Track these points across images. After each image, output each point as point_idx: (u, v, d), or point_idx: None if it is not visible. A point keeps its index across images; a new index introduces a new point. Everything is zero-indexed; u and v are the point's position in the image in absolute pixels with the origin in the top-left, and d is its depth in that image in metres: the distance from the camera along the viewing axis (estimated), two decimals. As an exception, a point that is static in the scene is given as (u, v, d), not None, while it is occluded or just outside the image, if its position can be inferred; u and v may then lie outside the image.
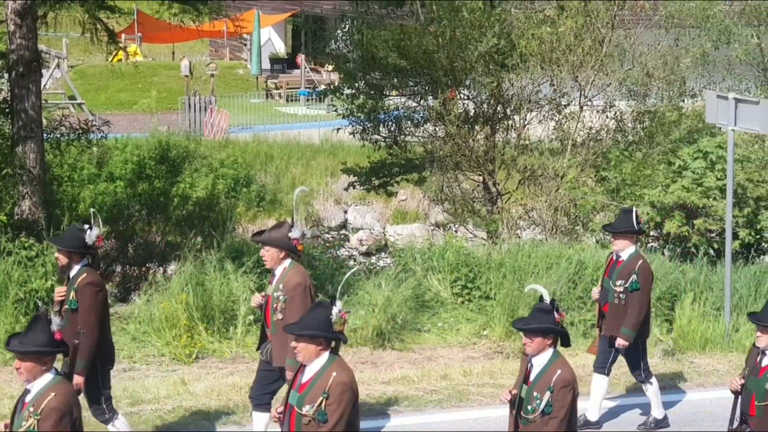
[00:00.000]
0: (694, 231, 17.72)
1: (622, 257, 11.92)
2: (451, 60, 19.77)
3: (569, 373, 8.48)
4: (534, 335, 8.49)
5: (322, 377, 8.00)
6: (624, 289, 11.80)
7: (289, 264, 10.57)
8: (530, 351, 8.53)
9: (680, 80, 20.36)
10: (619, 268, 11.92)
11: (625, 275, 11.82)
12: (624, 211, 12.31)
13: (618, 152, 19.37)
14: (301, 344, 8.08)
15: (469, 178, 21.00)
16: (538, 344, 8.50)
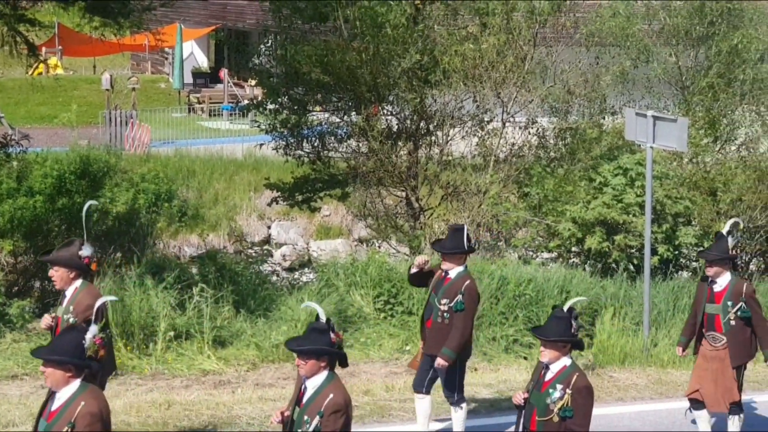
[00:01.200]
0: (615, 247, 17.90)
1: (450, 275, 11.57)
2: (375, 76, 19.78)
3: (342, 397, 8.18)
4: (307, 357, 8.20)
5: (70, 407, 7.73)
6: (448, 309, 11.49)
7: (81, 284, 10.16)
8: (303, 373, 8.27)
9: (601, 98, 20.58)
10: (446, 286, 11.58)
11: (451, 294, 11.50)
12: (454, 229, 11.93)
13: (540, 168, 19.51)
14: (48, 369, 7.78)
15: (392, 194, 21.01)
16: (312, 366, 8.19)
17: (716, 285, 11.81)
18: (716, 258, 11.75)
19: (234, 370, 14.51)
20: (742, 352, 11.75)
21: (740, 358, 11.74)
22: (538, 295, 16.42)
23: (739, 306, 11.61)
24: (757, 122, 20.01)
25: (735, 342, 11.67)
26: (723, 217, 18.83)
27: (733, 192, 18.83)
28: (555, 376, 8.90)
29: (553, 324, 9.03)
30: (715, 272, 11.78)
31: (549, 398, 8.85)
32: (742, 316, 11.63)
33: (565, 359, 8.91)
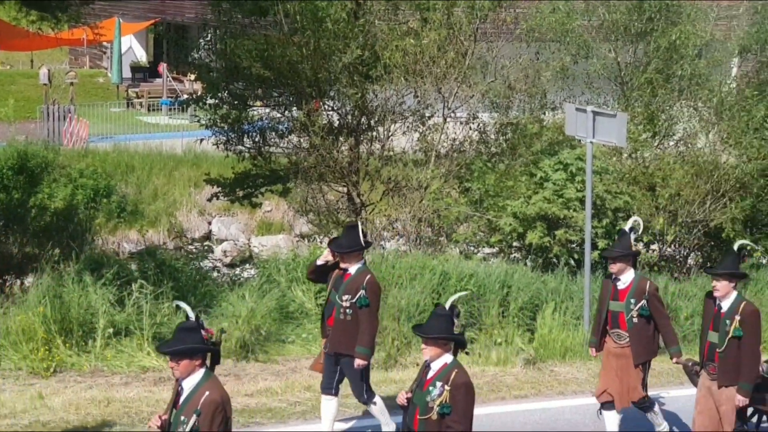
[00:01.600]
0: (555, 242, 17.99)
1: (350, 272, 11.46)
2: (315, 71, 19.71)
3: (218, 394, 8.09)
4: (179, 358, 8.10)
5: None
6: (351, 305, 11.35)
7: None
8: (178, 375, 8.14)
9: (541, 93, 20.66)
10: (346, 282, 11.45)
11: (352, 290, 11.36)
12: (349, 227, 11.77)
13: (481, 164, 19.55)
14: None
15: (334, 189, 20.96)
16: (186, 367, 8.10)
17: (620, 282, 11.72)
18: (619, 255, 11.66)
19: (174, 366, 14.38)
20: (645, 350, 11.70)
21: (643, 356, 11.69)
22: (480, 290, 16.46)
23: (641, 304, 11.55)
24: (695, 118, 20.18)
25: (638, 340, 11.62)
26: (662, 211, 19.03)
27: (672, 187, 18.99)
28: (436, 374, 8.78)
29: (434, 321, 8.88)
30: (618, 269, 11.68)
31: (429, 396, 8.75)
32: (642, 314, 11.58)
33: (447, 357, 8.77)
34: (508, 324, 16.30)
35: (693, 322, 17.33)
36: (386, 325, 15.73)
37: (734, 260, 11.08)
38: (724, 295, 10.92)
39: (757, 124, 19.36)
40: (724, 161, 19.48)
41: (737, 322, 10.78)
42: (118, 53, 44.16)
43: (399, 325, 15.79)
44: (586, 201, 16.28)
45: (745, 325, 10.79)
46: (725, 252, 11.52)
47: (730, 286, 10.91)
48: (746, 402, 10.92)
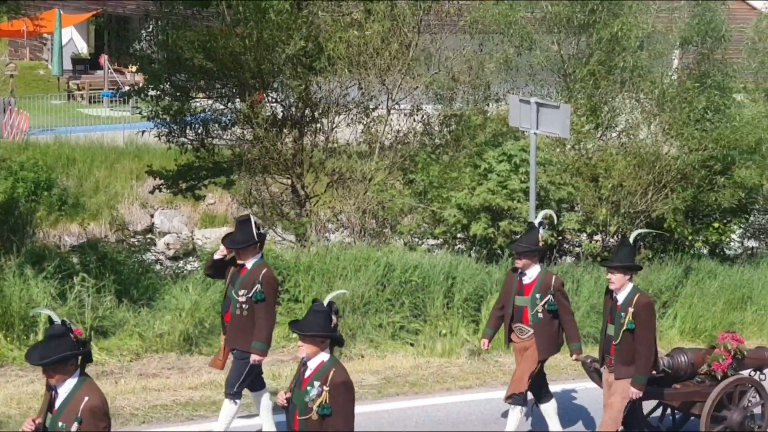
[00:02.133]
0: (500, 233, 18.04)
1: (247, 266, 11.23)
2: (259, 62, 19.57)
3: (98, 398, 7.94)
4: (53, 370, 7.87)
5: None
6: (247, 299, 11.12)
7: None
8: (54, 383, 7.91)
9: (485, 85, 20.68)
10: (243, 276, 11.21)
11: (248, 285, 11.12)
12: (241, 221, 11.42)
13: (425, 155, 19.56)
14: None
15: (278, 182, 20.86)
16: (60, 378, 7.88)
17: (525, 277, 11.67)
18: (525, 250, 11.62)
19: (117, 360, 14.30)
20: (549, 345, 11.69)
21: (547, 351, 11.69)
22: (425, 281, 16.48)
23: (547, 299, 11.51)
24: (637, 109, 20.30)
25: (542, 335, 11.60)
26: (604, 202, 19.14)
27: (614, 178, 19.11)
28: (313, 373, 8.58)
29: (311, 318, 8.61)
30: (524, 264, 11.64)
31: (308, 396, 8.54)
32: (549, 309, 11.55)
33: (323, 355, 8.57)
34: (453, 315, 16.33)
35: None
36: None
37: (629, 252, 11.03)
38: (619, 287, 10.89)
39: (698, 116, 19.53)
40: (666, 152, 19.63)
41: (630, 314, 10.75)
42: (58, 45, 43.68)
43: (344, 317, 15.75)
44: (530, 192, 16.34)
45: (638, 317, 10.76)
46: (620, 244, 11.34)
47: (626, 279, 10.87)
48: (640, 395, 10.91)
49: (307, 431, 8.61)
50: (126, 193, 30.96)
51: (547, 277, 11.69)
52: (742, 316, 17.91)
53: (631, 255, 11.04)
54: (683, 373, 11.83)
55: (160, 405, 12.66)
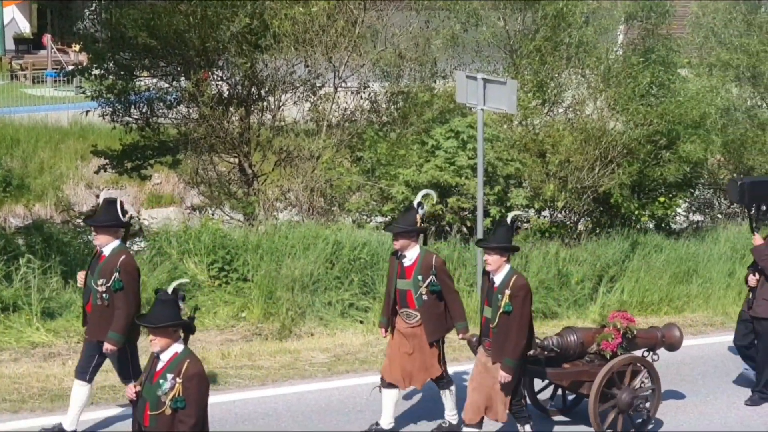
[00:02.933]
0: (448, 209, 18.05)
1: (105, 252, 10.86)
2: (203, 40, 19.43)
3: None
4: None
5: None
6: (107, 289, 10.79)
7: None
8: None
9: (432, 61, 20.64)
10: (101, 264, 10.85)
11: (107, 273, 10.78)
12: (107, 202, 11.12)
13: (373, 133, 19.52)
14: None
15: (225, 161, 20.75)
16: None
17: (406, 259, 11.29)
18: (401, 231, 11.25)
19: (64, 341, 14.19)
20: (437, 327, 11.37)
21: (436, 333, 11.36)
22: (373, 258, 16.51)
23: (429, 279, 11.15)
24: (583, 85, 20.36)
25: (429, 317, 11.26)
26: (552, 178, 19.20)
27: (562, 153, 19.15)
28: (166, 365, 8.32)
29: (158, 309, 8.36)
30: (402, 245, 11.25)
31: (160, 390, 8.27)
32: (433, 290, 11.20)
33: (177, 346, 8.33)
34: (402, 292, 16.33)
35: (584, 286, 17.59)
36: (280, 296, 15.69)
37: (506, 233, 10.73)
38: (496, 269, 10.67)
39: (643, 91, 19.61)
40: (612, 128, 19.70)
41: (507, 296, 10.53)
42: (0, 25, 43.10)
43: (293, 296, 15.74)
44: (478, 168, 16.36)
45: (515, 299, 10.55)
46: (497, 224, 10.90)
47: (502, 260, 10.65)
48: (508, 379, 10.58)
49: (157, 428, 8.34)
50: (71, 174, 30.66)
51: (427, 257, 11.30)
52: (687, 289, 18.06)
53: (508, 235, 10.74)
54: (572, 353, 11.68)
55: (108, 386, 12.56)
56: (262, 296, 15.68)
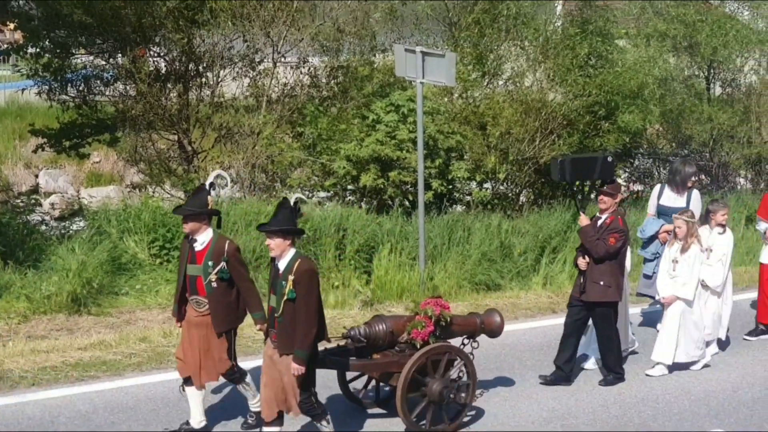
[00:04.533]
0: (389, 183, 18.05)
1: None
2: (139, 16, 19.19)
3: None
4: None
5: None
6: None
7: None
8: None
9: (371, 35, 20.58)
10: None
11: None
12: None
13: (313, 108, 19.44)
14: None
15: (164, 138, 20.55)
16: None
17: (197, 243, 10.58)
18: (191, 213, 10.54)
19: (4, 323, 14.03)
20: (228, 317, 10.66)
21: (226, 324, 10.65)
22: (316, 234, 16.48)
23: (220, 266, 10.47)
24: (522, 57, 20.42)
25: (219, 306, 10.56)
26: (493, 150, 19.25)
27: (502, 125, 19.21)
28: None
29: None
30: (192, 228, 10.55)
31: None
32: (222, 277, 10.52)
33: None
34: (345, 267, 16.36)
35: (527, 258, 17.68)
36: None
37: (289, 215, 9.99)
38: (280, 254, 9.92)
39: (581, 62, 19.71)
40: (552, 99, 19.80)
41: (291, 282, 9.78)
42: (-68, 3, 42.39)
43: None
44: (418, 142, 16.36)
45: (299, 286, 9.80)
46: (278, 206, 10.08)
47: (286, 244, 9.90)
48: (301, 371, 9.90)
49: None
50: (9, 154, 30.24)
51: (220, 242, 10.58)
52: (628, 258, 18.21)
53: (291, 218, 10.01)
54: (382, 342, 11.12)
55: (49, 366, 12.47)
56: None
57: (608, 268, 12.36)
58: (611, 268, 12.37)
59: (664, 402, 12.33)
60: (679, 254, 13.09)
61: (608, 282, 12.36)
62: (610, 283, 12.37)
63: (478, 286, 16.74)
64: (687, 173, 14.35)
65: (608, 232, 12.29)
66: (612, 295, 12.43)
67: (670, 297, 13.13)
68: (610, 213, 12.38)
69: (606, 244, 12.24)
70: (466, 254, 16.97)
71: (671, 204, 14.29)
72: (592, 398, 12.37)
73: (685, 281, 13.04)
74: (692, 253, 13.03)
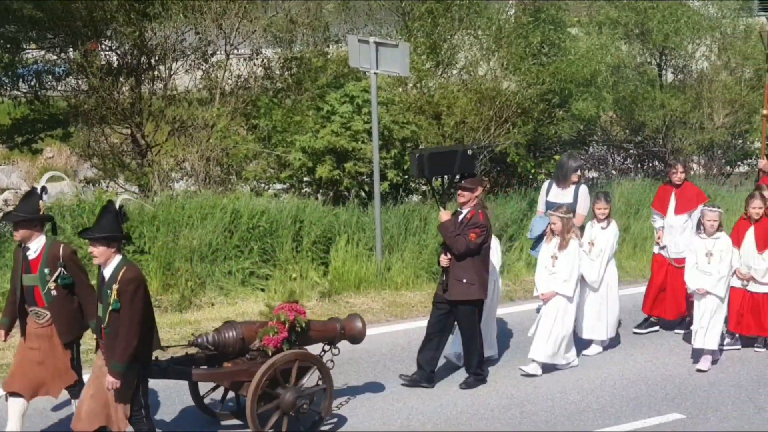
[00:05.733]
0: (345, 174, 18.02)
1: None
2: (90, 10, 19.08)
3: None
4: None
5: None
6: None
7: None
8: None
9: (324, 26, 20.54)
10: None
11: None
12: None
13: (267, 100, 19.38)
14: None
15: (117, 132, 20.44)
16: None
17: (30, 251, 10.01)
18: (23, 219, 9.94)
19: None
20: (71, 326, 10.15)
21: (69, 334, 10.15)
22: (272, 226, 16.43)
23: (58, 272, 9.93)
24: (476, 46, 20.44)
25: (60, 315, 10.04)
26: (448, 139, 19.26)
27: (457, 115, 19.23)
28: None
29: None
30: (23, 236, 9.98)
31: None
32: (63, 284, 10.00)
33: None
34: (302, 258, 16.33)
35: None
36: (179, 267, 15.54)
37: (113, 220, 9.35)
38: (104, 261, 9.30)
39: (534, 51, 19.75)
40: (506, 88, 19.83)
41: (115, 291, 9.20)
42: None
43: (192, 266, 15.61)
44: (373, 132, 16.35)
45: (123, 295, 9.21)
46: (102, 211, 9.42)
47: (110, 251, 9.29)
48: (117, 384, 9.28)
49: None
50: (-40, 151, 29.96)
51: (53, 247, 10.02)
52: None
53: (116, 223, 9.37)
54: (232, 350, 10.61)
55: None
56: (160, 268, 15.51)
57: (471, 264, 11.84)
58: (474, 265, 11.85)
59: (621, 387, 12.42)
60: (557, 250, 12.71)
61: (471, 279, 11.84)
62: (473, 281, 11.85)
63: (435, 275, 16.75)
64: (570, 167, 13.90)
65: (469, 227, 11.79)
66: (475, 293, 11.91)
67: (549, 293, 12.72)
68: (471, 207, 11.91)
69: (467, 240, 11.73)
70: (423, 244, 16.98)
71: (556, 200, 13.77)
72: (551, 385, 12.44)
73: (565, 278, 12.65)
74: (571, 249, 12.64)
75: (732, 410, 11.81)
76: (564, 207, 12.97)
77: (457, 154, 11.92)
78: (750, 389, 12.42)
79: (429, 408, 11.71)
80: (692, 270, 13.08)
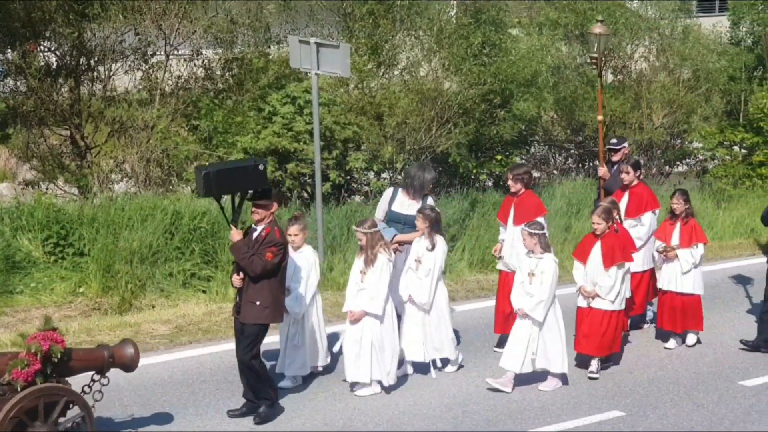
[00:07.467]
0: (287, 175, 18.00)
1: None
2: (28, 10, 18.86)
3: None
4: None
5: None
6: None
7: None
8: None
9: (265, 27, 20.49)
10: None
11: None
12: None
13: (208, 101, 19.31)
14: None
15: (56, 133, 20.23)
16: None
17: None
18: None
19: None
20: None
21: None
22: (214, 227, 16.35)
23: None
24: (417, 46, 20.50)
25: None
26: (390, 140, 19.31)
27: (398, 115, 19.28)
28: None
29: None
30: None
31: None
32: None
33: None
34: (245, 260, 16.23)
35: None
36: (119, 269, 15.44)
37: None
38: None
39: (475, 51, 19.85)
40: (447, 88, 19.91)
41: None
42: None
43: (132, 268, 15.51)
44: (315, 133, 16.33)
45: None
46: None
47: None
48: None
49: None
50: None
51: None
52: (526, 245, 18.37)
53: None
54: None
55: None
56: (100, 270, 15.41)
57: (267, 286, 11.07)
58: (270, 286, 11.09)
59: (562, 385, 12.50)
60: (364, 265, 11.95)
61: (265, 302, 11.08)
62: (268, 303, 11.08)
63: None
64: (427, 179, 13.00)
65: (265, 245, 10.98)
66: (268, 316, 11.15)
67: (358, 313, 11.94)
68: (267, 224, 11.13)
69: (263, 260, 10.93)
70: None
71: (404, 211, 12.98)
72: (493, 384, 12.48)
73: (372, 294, 11.87)
74: (379, 264, 11.84)
75: (671, 407, 11.93)
76: (368, 221, 12.14)
77: (247, 170, 10.91)
78: (689, 387, 12.56)
79: (371, 408, 11.71)
80: (518, 288, 12.38)
